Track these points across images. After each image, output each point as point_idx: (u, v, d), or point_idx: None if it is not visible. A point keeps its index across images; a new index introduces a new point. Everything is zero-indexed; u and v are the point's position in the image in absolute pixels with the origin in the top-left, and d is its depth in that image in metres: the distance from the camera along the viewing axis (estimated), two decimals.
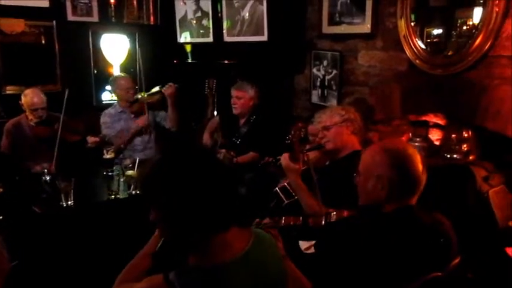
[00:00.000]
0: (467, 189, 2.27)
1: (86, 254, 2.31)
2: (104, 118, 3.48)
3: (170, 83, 3.37)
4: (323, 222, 1.65)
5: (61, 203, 2.42)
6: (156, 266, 1.19)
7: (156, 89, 3.43)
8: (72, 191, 2.43)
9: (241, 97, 3.24)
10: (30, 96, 3.10)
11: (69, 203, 2.42)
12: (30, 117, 3.15)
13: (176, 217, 1.07)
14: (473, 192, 2.25)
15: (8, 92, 3.62)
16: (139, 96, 3.42)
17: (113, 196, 2.59)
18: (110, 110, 3.52)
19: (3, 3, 3.43)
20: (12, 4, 3.49)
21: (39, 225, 2.37)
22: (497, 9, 2.21)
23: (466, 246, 1.57)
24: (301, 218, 1.72)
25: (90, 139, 3.12)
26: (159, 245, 1.20)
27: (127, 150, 3.35)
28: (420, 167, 1.50)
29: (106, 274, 1.41)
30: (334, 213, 1.67)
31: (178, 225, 1.07)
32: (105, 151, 2.94)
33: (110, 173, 2.86)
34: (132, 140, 3.43)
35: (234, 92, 3.26)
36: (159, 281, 1.10)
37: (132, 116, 3.47)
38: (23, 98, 3.12)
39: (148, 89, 3.47)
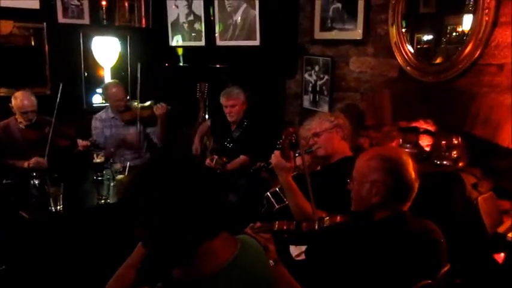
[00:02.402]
0: (456, 196, 2.29)
1: (76, 260, 2.28)
2: (95, 123, 3.44)
3: (162, 103, 3.33)
4: (316, 227, 1.64)
5: (50, 208, 2.38)
6: (142, 279, 1.16)
7: (148, 103, 3.41)
8: (61, 195, 2.39)
9: (236, 104, 3.21)
10: (20, 99, 3.05)
11: (58, 208, 2.39)
12: (20, 120, 3.11)
13: (161, 227, 1.02)
14: (462, 199, 2.27)
15: None
16: (133, 106, 3.40)
17: (102, 201, 2.56)
18: (101, 114, 3.48)
19: None
20: (2, 6, 3.45)
21: (27, 231, 2.34)
22: (487, 18, 2.24)
23: (455, 253, 1.59)
24: (294, 222, 1.71)
25: (80, 143, 3.09)
26: (144, 258, 1.16)
27: (117, 157, 3.32)
28: (413, 173, 1.52)
29: (96, 280, 1.39)
30: (327, 218, 1.67)
31: (164, 235, 1.03)
32: (95, 155, 2.92)
33: (99, 178, 2.85)
34: (121, 147, 3.40)
35: (226, 101, 3.21)
36: None
37: (123, 123, 3.44)
38: (13, 100, 3.07)
39: (141, 97, 3.42)
